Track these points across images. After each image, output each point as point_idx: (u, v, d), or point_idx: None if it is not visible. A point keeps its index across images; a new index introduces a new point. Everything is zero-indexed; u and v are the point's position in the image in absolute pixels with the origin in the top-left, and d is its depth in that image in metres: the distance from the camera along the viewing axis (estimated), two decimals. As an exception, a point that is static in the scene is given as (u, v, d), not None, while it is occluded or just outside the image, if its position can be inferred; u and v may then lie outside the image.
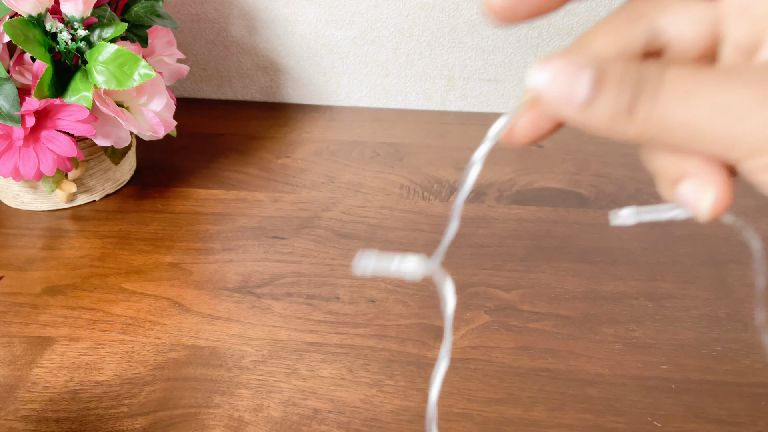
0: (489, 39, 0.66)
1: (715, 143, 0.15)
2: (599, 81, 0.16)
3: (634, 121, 0.15)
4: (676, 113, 0.15)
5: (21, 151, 0.47)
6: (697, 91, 0.15)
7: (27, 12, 0.45)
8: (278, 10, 0.67)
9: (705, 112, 0.14)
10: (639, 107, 0.15)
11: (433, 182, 0.58)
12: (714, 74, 0.15)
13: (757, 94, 0.14)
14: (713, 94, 0.14)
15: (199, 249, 0.50)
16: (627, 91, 0.15)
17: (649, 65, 0.15)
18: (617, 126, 0.16)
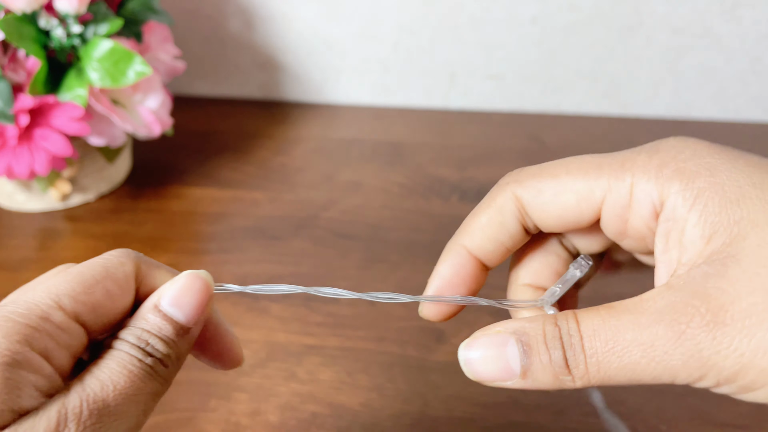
0: (491, 35, 0.65)
1: (658, 378, 0.16)
2: (527, 349, 0.17)
3: (576, 375, 0.17)
4: (610, 362, 0.16)
5: (15, 150, 0.46)
6: (618, 338, 0.16)
7: (21, 9, 0.45)
8: (276, 6, 0.66)
9: (635, 356, 0.16)
10: (573, 364, 0.16)
11: (434, 181, 0.57)
12: (623, 318, 0.16)
13: (671, 330, 0.15)
14: (634, 338, 0.16)
15: (195, 249, 0.49)
16: (556, 350, 0.17)
17: (564, 319, 0.17)
18: (562, 383, 0.17)
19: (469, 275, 0.20)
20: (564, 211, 0.18)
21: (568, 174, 0.19)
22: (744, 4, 0.62)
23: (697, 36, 0.64)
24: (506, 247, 0.20)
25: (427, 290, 0.21)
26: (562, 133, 0.65)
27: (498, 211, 0.20)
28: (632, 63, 0.66)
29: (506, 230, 0.20)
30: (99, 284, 0.18)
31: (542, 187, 0.19)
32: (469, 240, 0.20)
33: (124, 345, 0.17)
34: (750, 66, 0.65)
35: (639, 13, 0.63)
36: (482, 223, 0.20)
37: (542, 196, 0.19)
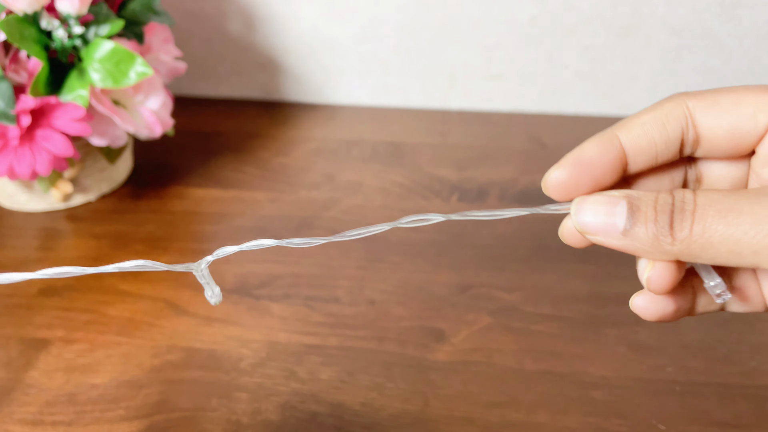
0: (491, 36, 0.66)
1: (757, 254, 0.16)
2: (632, 211, 0.18)
3: (677, 240, 0.17)
4: (716, 229, 0.16)
5: (16, 151, 0.46)
6: (734, 208, 0.16)
7: (22, 9, 0.45)
8: (277, 7, 0.66)
9: (745, 226, 0.16)
10: (678, 227, 0.17)
11: (434, 181, 0.57)
12: (746, 193, 0.16)
13: None
14: (750, 210, 0.16)
15: (196, 249, 0.49)
16: (663, 215, 0.17)
17: (680, 191, 0.17)
18: (661, 246, 0.17)
19: (610, 163, 0.20)
20: (739, 124, 0.18)
21: (746, 90, 0.18)
22: (743, 5, 0.62)
23: (696, 37, 0.64)
24: (657, 151, 0.19)
25: (564, 160, 0.21)
26: (561, 133, 0.65)
27: (664, 114, 0.19)
28: (632, 63, 0.66)
29: (665, 135, 0.19)
30: None
31: (719, 98, 0.18)
32: (626, 132, 0.20)
33: None
34: (749, 66, 0.65)
35: (638, 14, 0.63)
36: (644, 120, 0.20)
37: (718, 106, 0.18)
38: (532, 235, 0.50)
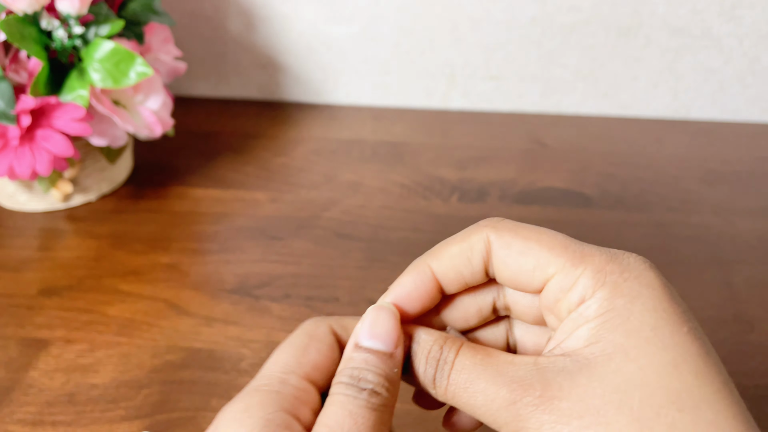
0: (491, 36, 0.66)
1: (489, 424, 0.19)
2: (415, 354, 0.21)
3: (437, 390, 0.20)
4: (461, 396, 0.20)
5: (16, 151, 0.46)
6: (474, 383, 0.19)
7: (22, 9, 0.45)
8: (277, 7, 0.66)
9: (478, 401, 0.19)
10: (438, 379, 0.20)
11: (435, 182, 0.57)
12: (489, 369, 0.19)
13: (510, 396, 0.19)
14: (484, 388, 0.19)
15: (196, 249, 0.49)
16: (431, 366, 0.20)
17: (447, 347, 0.20)
18: (429, 389, 0.21)
19: (426, 293, 0.22)
20: (519, 272, 0.20)
21: (538, 242, 0.20)
22: (743, 5, 0.62)
23: (696, 36, 0.64)
24: (465, 280, 0.22)
25: (385, 296, 0.22)
26: (561, 133, 0.65)
27: (469, 247, 0.21)
28: (631, 63, 0.66)
29: (471, 266, 0.21)
30: (309, 346, 0.21)
31: (512, 243, 0.21)
32: (437, 263, 0.22)
33: (340, 387, 0.20)
34: (749, 66, 0.65)
35: (638, 14, 0.63)
36: (452, 252, 0.22)
37: (508, 251, 0.21)
38: (532, 235, 0.50)
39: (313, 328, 0.22)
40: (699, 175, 0.58)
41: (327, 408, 0.19)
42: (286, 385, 0.20)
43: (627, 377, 0.17)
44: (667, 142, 0.64)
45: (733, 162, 0.61)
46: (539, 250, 0.20)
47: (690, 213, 0.54)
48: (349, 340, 0.21)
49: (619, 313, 0.18)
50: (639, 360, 0.18)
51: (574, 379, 0.18)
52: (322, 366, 0.21)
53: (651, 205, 0.54)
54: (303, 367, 0.21)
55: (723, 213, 0.53)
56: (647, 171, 0.59)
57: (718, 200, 0.55)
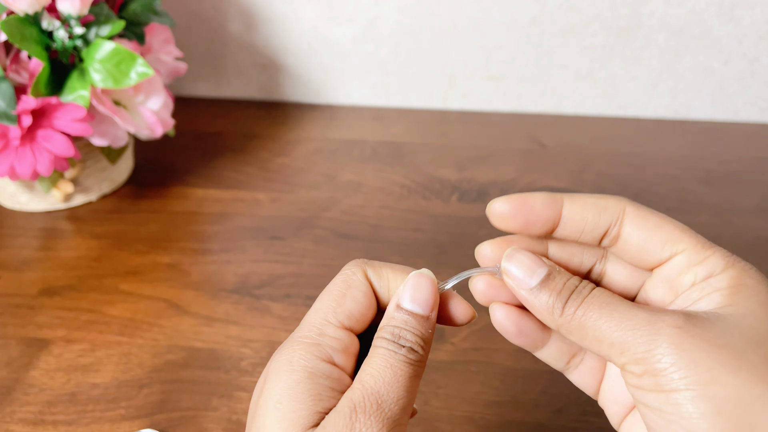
0: (491, 36, 0.66)
1: (612, 347, 0.21)
2: (547, 280, 0.22)
3: (562, 316, 0.22)
4: (592, 318, 0.21)
5: (17, 151, 0.46)
6: (612, 310, 0.21)
7: (24, 10, 0.45)
8: (277, 7, 0.66)
9: (611, 322, 0.21)
10: (569, 306, 0.22)
11: (434, 182, 0.57)
12: (625, 302, 0.21)
13: (647, 317, 0.20)
14: (621, 310, 0.21)
15: (197, 249, 0.49)
16: (563, 294, 0.22)
17: (585, 281, 0.22)
18: (549, 315, 0.22)
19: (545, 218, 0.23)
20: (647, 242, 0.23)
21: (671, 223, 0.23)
22: (742, 5, 0.62)
23: (695, 37, 0.64)
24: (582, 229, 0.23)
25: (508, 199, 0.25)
26: (561, 133, 0.65)
27: (604, 205, 0.23)
28: (631, 64, 0.66)
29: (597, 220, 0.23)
30: (346, 295, 0.23)
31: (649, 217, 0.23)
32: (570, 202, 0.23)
33: (383, 342, 0.22)
34: (748, 66, 0.65)
35: (638, 15, 0.63)
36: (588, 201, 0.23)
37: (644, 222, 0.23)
38: (531, 235, 0.50)
39: (350, 275, 0.23)
40: (698, 175, 0.59)
41: (370, 359, 0.22)
42: (324, 336, 0.22)
43: (760, 333, 0.20)
44: (666, 142, 0.64)
45: (731, 162, 0.61)
46: (673, 228, 0.22)
47: (689, 213, 0.54)
48: (392, 300, 0.23)
49: (750, 288, 0.21)
50: None
51: (712, 322, 0.20)
52: (358, 314, 0.23)
53: (650, 204, 0.54)
54: (339, 316, 0.23)
55: (722, 213, 0.54)
56: (646, 171, 0.59)
57: (717, 200, 0.55)
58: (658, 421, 0.20)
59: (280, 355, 0.22)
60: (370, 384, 0.21)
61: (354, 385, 0.21)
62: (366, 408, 0.21)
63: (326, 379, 0.21)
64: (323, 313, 0.23)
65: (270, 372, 0.22)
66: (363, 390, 0.21)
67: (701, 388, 0.19)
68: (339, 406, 0.21)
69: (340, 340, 0.22)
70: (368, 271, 0.24)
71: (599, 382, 0.26)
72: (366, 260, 0.24)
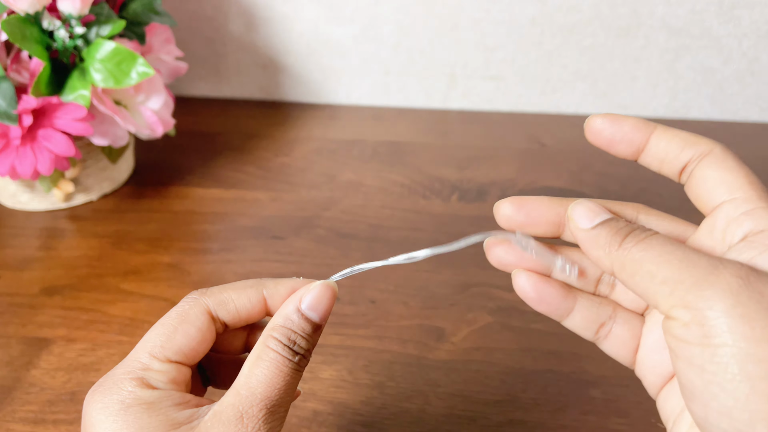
0: (491, 36, 0.66)
1: (664, 284, 0.20)
2: (609, 221, 0.23)
3: (619, 248, 0.21)
4: (650, 257, 0.20)
5: (18, 150, 0.46)
6: (669, 252, 0.20)
7: (24, 10, 0.45)
8: (277, 7, 0.66)
9: (667, 265, 0.20)
10: (627, 242, 0.21)
11: (434, 181, 0.57)
12: (683, 250, 0.20)
13: (696, 277, 0.19)
14: (681, 257, 0.20)
15: (197, 249, 0.49)
16: (623, 230, 0.22)
17: (643, 227, 0.22)
18: (606, 248, 0.22)
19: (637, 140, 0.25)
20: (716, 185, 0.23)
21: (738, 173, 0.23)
22: (742, 5, 0.62)
23: (695, 37, 0.64)
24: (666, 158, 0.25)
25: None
26: (560, 133, 0.65)
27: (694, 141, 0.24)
28: (631, 63, 0.66)
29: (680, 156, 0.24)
30: (178, 329, 0.22)
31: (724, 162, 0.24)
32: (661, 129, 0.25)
33: (276, 345, 0.22)
34: (748, 66, 0.65)
35: (637, 14, 0.63)
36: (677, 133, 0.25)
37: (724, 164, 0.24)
38: (531, 235, 0.50)
39: (186, 309, 0.23)
40: (698, 175, 0.59)
41: (261, 361, 0.21)
42: (149, 370, 0.22)
43: None
44: (666, 141, 0.64)
45: (732, 162, 0.61)
46: (738, 176, 0.23)
47: (689, 212, 0.54)
48: (289, 302, 0.23)
49: None
50: None
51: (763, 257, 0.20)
52: (188, 349, 0.22)
53: (651, 204, 0.54)
54: (166, 351, 0.22)
55: (722, 212, 0.54)
56: (646, 171, 0.59)
57: (717, 200, 0.55)
58: (696, 381, 0.18)
59: (102, 395, 0.21)
60: (260, 391, 0.21)
61: (240, 391, 0.21)
62: (256, 415, 0.21)
63: (166, 401, 0.21)
64: (150, 347, 0.22)
65: (97, 413, 0.21)
66: (252, 398, 0.21)
67: (752, 346, 0.17)
68: (223, 413, 0.20)
69: (166, 372, 0.22)
70: (208, 302, 0.23)
71: (634, 352, 0.25)
72: (204, 290, 0.24)
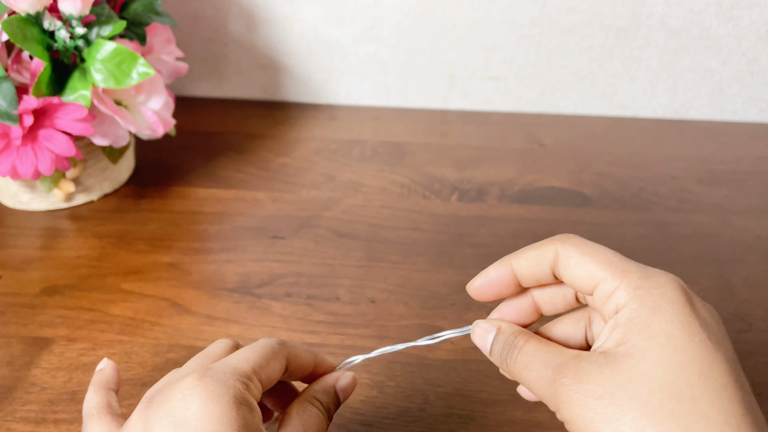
0: (490, 37, 0.66)
1: (539, 396, 0.24)
2: (494, 340, 0.27)
3: (507, 368, 0.26)
4: (521, 372, 0.25)
5: (19, 151, 0.46)
6: (531, 365, 0.25)
7: (25, 10, 0.45)
8: (277, 8, 0.66)
9: (533, 377, 0.25)
10: (510, 359, 0.26)
11: (434, 181, 0.57)
12: (543, 356, 0.25)
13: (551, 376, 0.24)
14: (536, 369, 0.25)
15: (197, 249, 0.49)
16: (504, 350, 0.26)
17: (519, 337, 0.26)
18: (503, 369, 0.27)
19: (505, 283, 0.27)
20: (576, 278, 0.25)
21: (591, 257, 0.25)
22: (741, 6, 0.62)
23: (694, 37, 0.64)
24: (536, 278, 0.27)
25: (475, 281, 0.28)
26: (560, 133, 0.65)
27: (542, 254, 0.26)
28: (630, 64, 0.66)
29: (540, 268, 0.26)
30: (271, 362, 0.27)
31: (573, 255, 0.25)
32: (516, 261, 0.27)
33: (317, 403, 0.28)
34: (747, 67, 0.65)
35: (637, 15, 0.64)
36: (529, 255, 0.27)
37: (568, 261, 0.25)
38: (530, 235, 0.50)
39: (276, 348, 0.28)
40: (697, 175, 0.59)
41: (305, 412, 0.27)
42: (252, 381, 0.26)
43: (641, 373, 0.22)
44: (665, 142, 0.64)
45: (731, 162, 0.61)
46: (590, 263, 0.25)
47: (688, 212, 0.54)
48: (331, 377, 0.30)
49: (642, 322, 0.22)
50: (653, 360, 0.22)
51: (602, 371, 0.22)
52: (270, 381, 0.27)
53: (649, 204, 0.55)
54: (261, 373, 0.26)
55: (721, 212, 0.54)
56: (645, 171, 0.59)
57: (716, 200, 0.55)
58: None
59: (213, 385, 0.24)
60: (307, 427, 0.27)
61: (295, 424, 0.27)
62: None
63: (258, 413, 0.25)
64: (252, 363, 0.26)
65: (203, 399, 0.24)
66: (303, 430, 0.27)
67: None
68: None
69: (258, 391, 0.26)
70: (289, 351, 0.28)
71: None
72: (286, 343, 0.28)
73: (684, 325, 0.22)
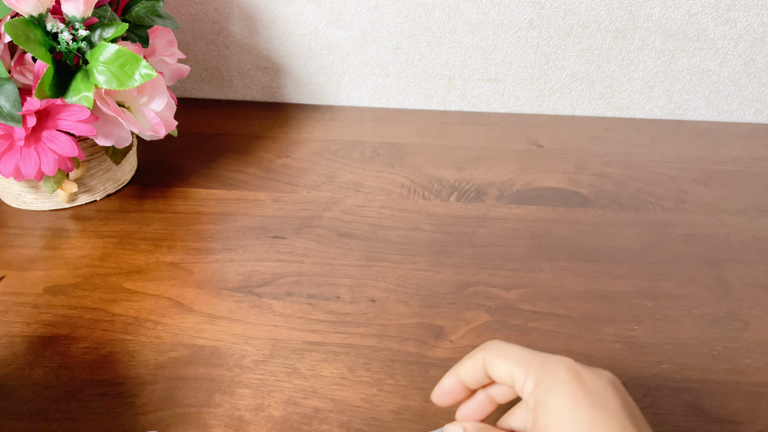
0: (489, 39, 0.66)
1: None
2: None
3: None
4: None
5: (22, 151, 0.47)
6: None
7: (28, 12, 0.45)
8: (279, 10, 0.67)
9: None
10: None
11: (434, 182, 0.58)
12: None
13: None
14: None
15: (200, 249, 0.50)
16: None
17: (470, 428, 0.30)
18: None
19: (457, 390, 0.31)
20: (499, 378, 0.30)
21: (507, 359, 0.29)
22: (738, 8, 0.63)
23: (691, 39, 0.65)
24: (478, 381, 0.31)
25: (435, 392, 0.32)
26: (558, 134, 0.66)
27: (475, 361, 0.30)
28: (627, 65, 0.67)
29: (476, 373, 0.30)
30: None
31: (493, 359, 0.30)
32: (460, 371, 0.31)
33: None
34: (744, 68, 0.66)
35: (634, 17, 0.64)
36: (467, 364, 0.31)
37: (491, 365, 0.30)
38: (529, 235, 0.51)
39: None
40: (694, 176, 0.59)
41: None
42: None
43: None
44: (662, 142, 0.65)
45: (727, 162, 0.61)
46: (506, 363, 0.29)
47: (685, 213, 0.54)
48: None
49: (541, 402, 0.27)
50: None
51: None
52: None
53: (646, 204, 0.55)
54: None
55: (717, 213, 0.54)
56: (643, 171, 0.60)
57: (713, 200, 0.56)
58: None
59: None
60: None
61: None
62: None
63: None
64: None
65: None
66: None
67: None
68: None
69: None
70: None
71: None
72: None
73: (572, 398, 0.27)
